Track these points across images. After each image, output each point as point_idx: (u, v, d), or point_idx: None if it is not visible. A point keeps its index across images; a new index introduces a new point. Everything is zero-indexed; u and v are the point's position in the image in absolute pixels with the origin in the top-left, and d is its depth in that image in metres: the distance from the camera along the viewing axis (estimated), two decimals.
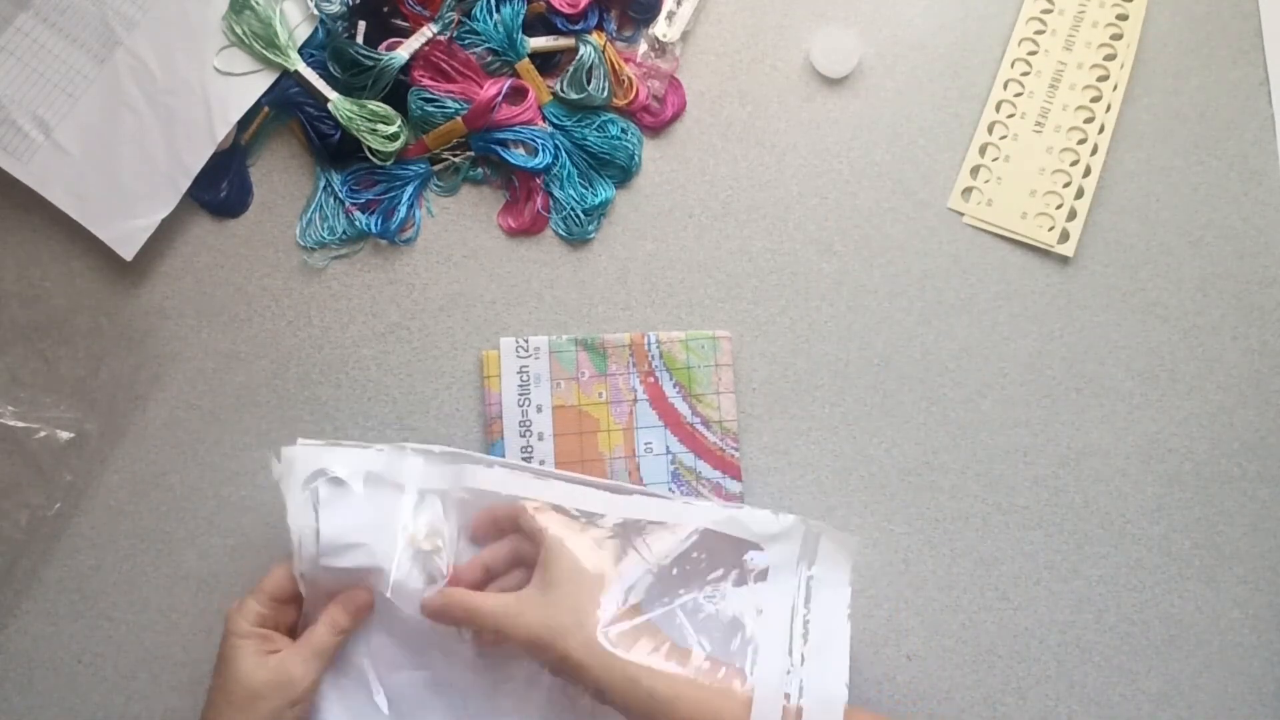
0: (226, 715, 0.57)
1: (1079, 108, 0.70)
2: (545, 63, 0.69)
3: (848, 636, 0.57)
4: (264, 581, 0.61)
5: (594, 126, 0.69)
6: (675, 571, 0.61)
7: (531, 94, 0.69)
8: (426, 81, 0.68)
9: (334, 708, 0.60)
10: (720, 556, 0.61)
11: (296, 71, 0.68)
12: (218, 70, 0.68)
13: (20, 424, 0.67)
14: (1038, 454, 0.67)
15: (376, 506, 0.61)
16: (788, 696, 0.55)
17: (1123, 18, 0.70)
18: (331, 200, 0.69)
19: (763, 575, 0.60)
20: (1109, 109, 0.70)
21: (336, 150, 0.69)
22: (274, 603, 0.60)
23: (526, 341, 0.68)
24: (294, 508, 0.60)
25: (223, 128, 0.67)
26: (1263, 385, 0.68)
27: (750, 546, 0.60)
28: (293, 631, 0.62)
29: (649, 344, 0.68)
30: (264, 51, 0.67)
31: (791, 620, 0.58)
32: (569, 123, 0.69)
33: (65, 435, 0.67)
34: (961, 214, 0.69)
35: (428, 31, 0.68)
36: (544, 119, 0.69)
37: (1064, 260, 0.69)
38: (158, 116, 0.67)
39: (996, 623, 0.66)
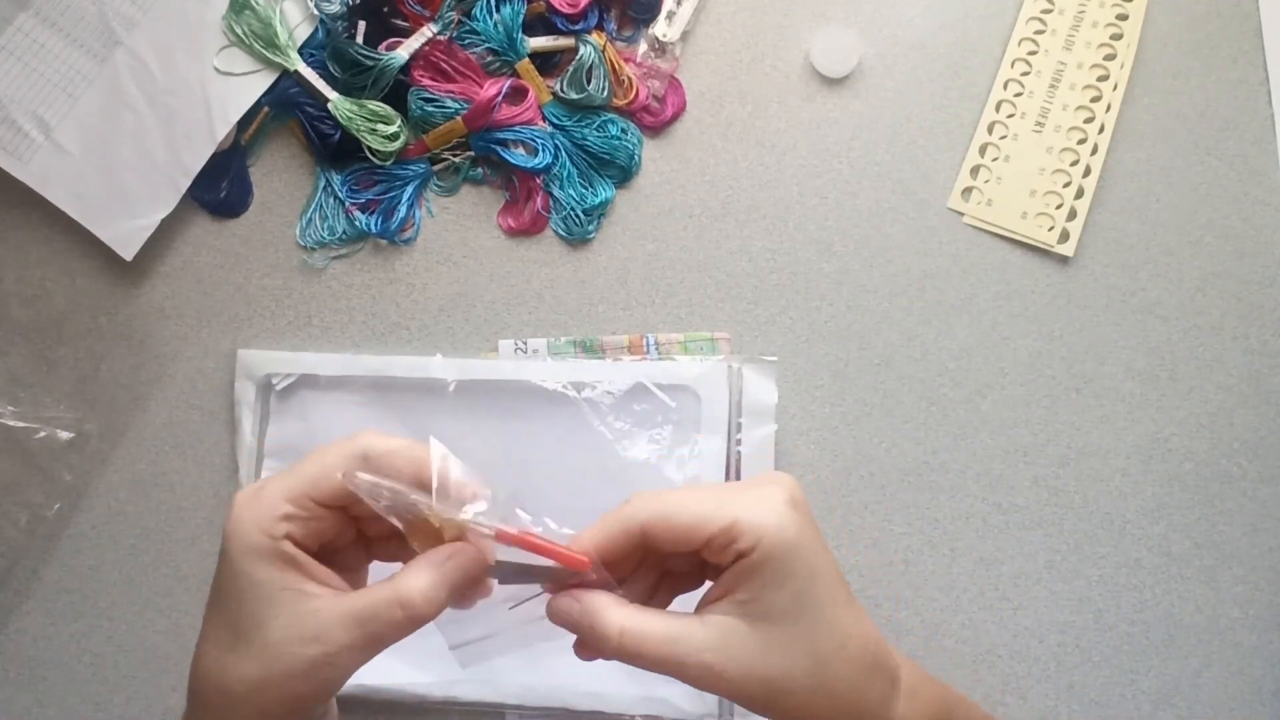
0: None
1: (1079, 108, 0.70)
2: (545, 63, 0.69)
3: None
4: (300, 466, 0.39)
5: (594, 126, 0.69)
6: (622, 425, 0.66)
7: (531, 94, 0.69)
8: (426, 81, 0.68)
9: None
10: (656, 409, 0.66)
11: (296, 71, 0.68)
12: (218, 70, 0.68)
13: (20, 424, 0.67)
14: (1038, 454, 0.67)
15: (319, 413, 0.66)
16: None
17: (1123, 18, 0.70)
18: (331, 200, 0.69)
19: (697, 424, 0.65)
20: (1109, 109, 0.69)
21: (336, 150, 0.69)
22: (311, 502, 0.39)
23: (525, 344, 0.68)
24: (243, 407, 0.66)
25: (223, 128, 0.67)
26: (1263, 385, 0.68)
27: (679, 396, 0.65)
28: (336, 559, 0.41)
29: (647, 346, 0.68)
30: (264, 51, 0.67)
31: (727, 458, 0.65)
32: (569, 123, 0.69)
33: (65, 435, 0.67)
34: (961, 214, 0.69)
35: (428, 31, 0.68)
36: (544, 119, 0.69)
37: (1064, 260, 0.69)
38: (158, 116, 0.67)
39: (996, 623, 0.66)
